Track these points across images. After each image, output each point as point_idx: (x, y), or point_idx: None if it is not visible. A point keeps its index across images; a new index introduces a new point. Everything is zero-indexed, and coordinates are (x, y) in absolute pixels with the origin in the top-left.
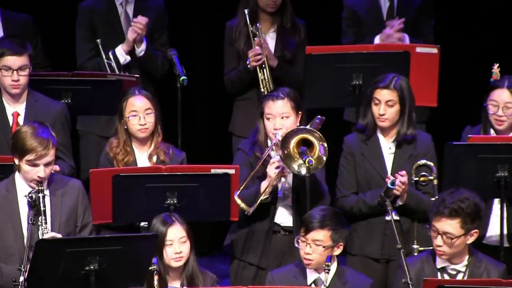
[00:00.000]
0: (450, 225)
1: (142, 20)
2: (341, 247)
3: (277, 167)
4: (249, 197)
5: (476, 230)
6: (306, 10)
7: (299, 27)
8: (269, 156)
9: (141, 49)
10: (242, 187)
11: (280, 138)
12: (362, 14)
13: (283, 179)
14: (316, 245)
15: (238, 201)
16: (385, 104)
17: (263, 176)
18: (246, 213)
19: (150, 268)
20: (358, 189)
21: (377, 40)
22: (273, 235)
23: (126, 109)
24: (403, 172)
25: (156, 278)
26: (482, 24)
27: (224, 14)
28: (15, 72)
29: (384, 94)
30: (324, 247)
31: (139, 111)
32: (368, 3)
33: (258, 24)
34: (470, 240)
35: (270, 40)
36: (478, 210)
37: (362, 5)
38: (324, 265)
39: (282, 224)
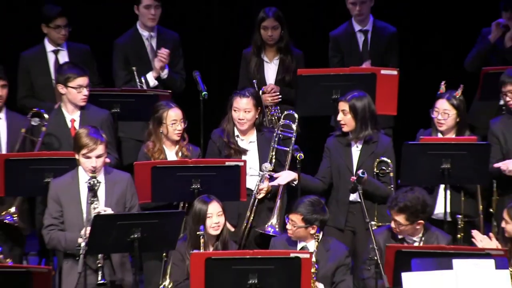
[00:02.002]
0: (398, 217)
1: (165, 51)
2: (315, 228)
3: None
4: None
5: (421, 221)
6: (301, 40)
7: (296, 56)
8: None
9: (164, 73)
10: None
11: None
12: (343, 45)
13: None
14: (292, 224)
15: None
16: (341, 112)
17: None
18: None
19: (198, 233)
20: (332, 177)
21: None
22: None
23: (167, 118)
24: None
25: (202, 241)
26: (438, 50)
27: (237, 43)
28: (84, 89)
29: (340, 105)
30: (295, 226)
31: (178, 120)
32: (348, 37)
33: (262, 56)
34: (417, 227)
35: (274, 66)
36: (424, 207)
37: (343, 39)
38: (314, 235)
39: None
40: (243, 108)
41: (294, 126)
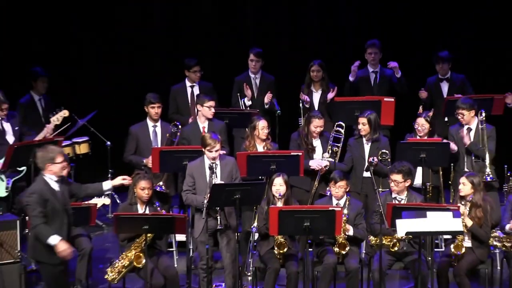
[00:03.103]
0: (397, 177)
1: (270, 95)
2: (410, 181)
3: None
4: None
5: (409, 180)
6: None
7: (331, 87)
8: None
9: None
10: None
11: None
12: (359, 83)
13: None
14: (395, 183)
15: None
16: (361, 124)
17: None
18: None
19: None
20: (352, 162)
21: None
22: None
23: (258, 126)
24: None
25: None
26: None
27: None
28: (212, 108)
29: (360, 120)
30: (399, 183)
31: (265, 127)
32: (362, 76)
33: (313, 89)
34: (406, 184)
35: (318, 94)
36: (411, 171)
37: (359, 77)
38: (345, 197)
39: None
40: (320, 125)
41: (342, 131)
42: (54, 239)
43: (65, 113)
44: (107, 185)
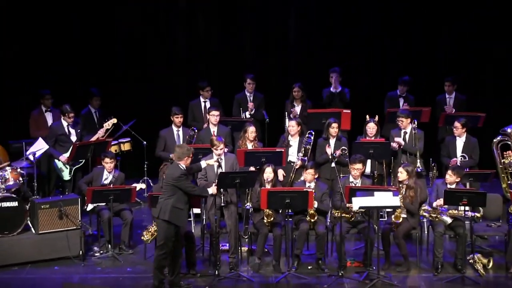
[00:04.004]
0: (358, 165)
1: (251, 106)
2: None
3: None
4: None
5: (364, 168)
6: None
7: (308, 103)
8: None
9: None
10: None
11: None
12: (327, 98)
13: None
14: (357, 170)
15: None
16: (332, 128)
17: None
18: None
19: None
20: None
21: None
22: None
23: (248, 130)
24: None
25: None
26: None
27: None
28: (217, 117)
29: (333, 125)
30: (359, 170)
31: (253, 132)
32: (328, 94)
33: (294, 104)
34: (362, 169)
35: (299, 107)
36: (365, 161)
37: (327, 95)
38: (314, 181)
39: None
40: (293, 125)
41: (312, 137)
42: (210, 189)
43: (114, 120)
44: (203, 164)
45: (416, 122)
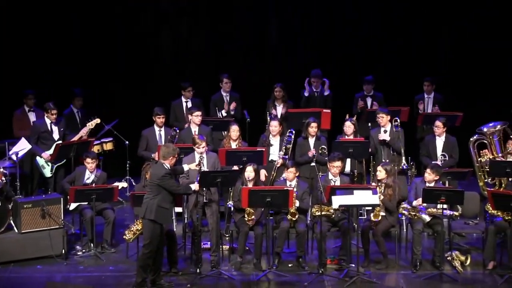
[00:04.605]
0: (337, 163)
1: (234, 104)
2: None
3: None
4: None
5: (342, 166)
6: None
7: (289, 103)
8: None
9: (232, 111)
10: None
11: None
12: (308, 98)
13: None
14: (337, 167)
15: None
16: (312, 127)
17: None
18: None
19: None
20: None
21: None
22: None
23: (231, 128)
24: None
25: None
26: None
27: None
28: (200, 117)
29: (312, 125)
30: (338, 168)
31: (237, 131)
32: (309, 95)
33: (276, 103)
34: (340, 167)
35: (280, 107)
36: (344, 159)
37: (307, 96)
38: (295, 179)
39: None
40: (275, 125)
41: (292, 136)
42: (193, 186)
43: (97, 121)
44: (186, 167)
45: (398, 120)
